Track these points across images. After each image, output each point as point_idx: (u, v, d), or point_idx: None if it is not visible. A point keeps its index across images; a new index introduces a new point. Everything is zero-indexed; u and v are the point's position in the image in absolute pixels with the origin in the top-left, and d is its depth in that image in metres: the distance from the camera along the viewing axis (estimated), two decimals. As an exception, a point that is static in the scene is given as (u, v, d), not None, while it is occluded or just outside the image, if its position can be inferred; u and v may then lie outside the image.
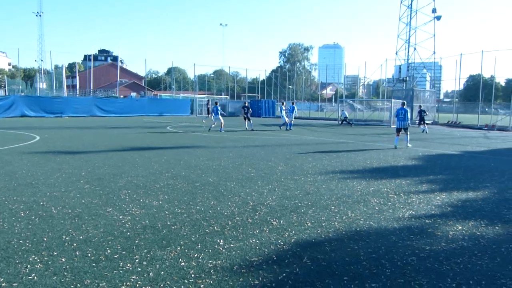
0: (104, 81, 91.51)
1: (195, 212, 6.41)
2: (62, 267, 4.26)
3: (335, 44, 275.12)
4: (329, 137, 22.23)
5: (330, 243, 5.10)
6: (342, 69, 77.45)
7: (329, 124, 38.26)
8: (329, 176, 9.79)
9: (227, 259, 4.54)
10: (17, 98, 41.06)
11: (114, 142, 17.30)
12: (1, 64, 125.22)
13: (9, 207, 6.59)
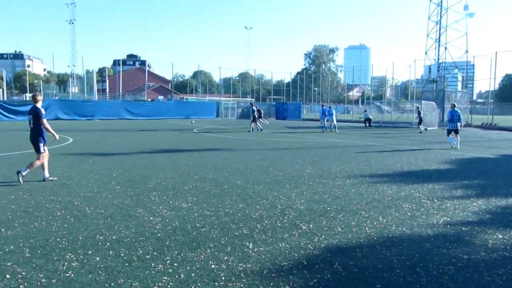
0: (133, 85, 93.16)
1: (224, 215, 6.45)
2: (97, 265, 4.36)
3: (361, 45, 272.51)
4: (356, 139, 21.98)
5: (361, 249, 5.02)
6: (368, 70, 76.82)
7: (355, 126, 37.82)
8: (358, 180, 9.68)
9: (257, 262, 4.54)
10: (52, 102, 42.38)
11: (142, 144, 17.58)
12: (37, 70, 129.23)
13: (46, 206, 6.81)
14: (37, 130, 8.87)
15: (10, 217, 6.13)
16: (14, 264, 4.36)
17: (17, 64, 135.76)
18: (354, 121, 47.01)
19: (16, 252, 4.72)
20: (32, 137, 8.97)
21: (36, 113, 8.83)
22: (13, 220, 5.99)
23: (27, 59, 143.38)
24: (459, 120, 17.81)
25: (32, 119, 8.87)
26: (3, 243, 5.00)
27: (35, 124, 8.87)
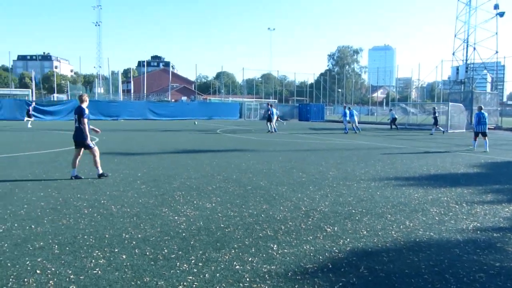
0: (157, 85, 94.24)
1: (248, 216, 6.45)
2: (123, 263, 4.41)
3: (385, 46, 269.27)
4: (381, 141, 21.69)
5: (387, 253, 4.93)
6: (393, 72, 75.75)
7: (380, 128, 37.35)
8: (383, 182, 9.54)
9: (281, 264, 4.51)
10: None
11: (166, 144, 17.76)
12: (64, 71, 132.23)
13: (74, 204, 6.95)
14: (81, 129, 9.30)
15: (40, 214, 6.28)
16: (44, 260, 4.46)
17: (46, 65, 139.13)
18: (379, 123, 46.47)
19: (45, 248, 4.83)
20: (76, 135, 9.41)
21: (81, 113, 9.29)
22: (42, 217, 6.13)
23: (55, 60, 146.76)
24: (485, 123, 17.48)
25: (77, 118, 9.33)
26: (34, 239, 5.12)
27: (79, 123, 9.32)
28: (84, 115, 9.28)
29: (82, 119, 9.24)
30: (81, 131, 9.29)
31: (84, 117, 9.26)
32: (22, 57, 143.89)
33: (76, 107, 9.53)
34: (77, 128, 9.37)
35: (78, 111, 9.35)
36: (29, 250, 4.75)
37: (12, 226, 5.68)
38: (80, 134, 9.33)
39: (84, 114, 9.29)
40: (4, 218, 6.03)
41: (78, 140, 9.41)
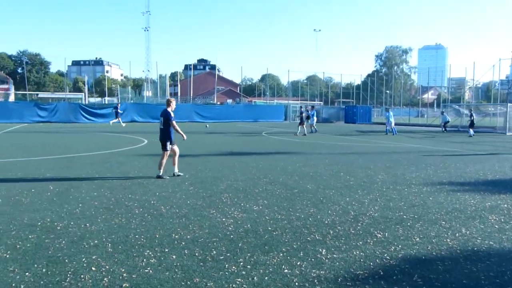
0: (203, 88, 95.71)
1: (295, 219, 6.39)
2: (173, 263, 4.48)
3: (437, 45, 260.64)
4: (432, 145, 20.94)
5: (443, 262, 4.71)
6: (445, 72, 73.02)
7: (430, 131, 36.10)
8: (436, 187, 9.18)
9: (331, 270, 4.43)
10: (128, 105, 44.78)
11: (212, 147, 17.98)
12: (115, 75, 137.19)
13: (125, 204, 7.16)
14: (166, 131, 9.88)
15: (94, 213, 6.50)
16: (98, 258, 4.61)
17: (97, 70, 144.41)
18: (429, 125, 44.97)
19: (100, 246, 4.99)
20: (161, 137, 10.00)
21: (167, 116, 9.84)
22: (96, 216, 6.35)
23: (106, 65, 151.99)
24: None
25: (163, 120, 9.88)
26: (88, 237, 5.31)
27: (165, 126, 9.88)
28: (172, 118, 9.84)
29: (171, 122, 9.81)
30: (167, 132, 9.86)
31: (172, 120, 9.82)
32: (76, 62, 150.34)
33: (163, 110, 10.07)
34: (161, 130, 9.96)
35: (165, 114, 9.89)
36: (85, 247, 4.93)
37: (69, 224, 5.92)
38: (164, 135, 9.90)
39: (172, 117, 9.84)
40: (61, 216, 6.30)
41: (161, 140, 10.01)
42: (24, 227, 5.73)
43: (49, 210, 6.63)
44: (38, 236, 5.35)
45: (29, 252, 4.75)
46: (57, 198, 7.52)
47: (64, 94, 67.51)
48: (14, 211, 6.56)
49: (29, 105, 40.81)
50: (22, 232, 5.51)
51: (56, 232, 5.54)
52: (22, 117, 37.98)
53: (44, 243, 5.07)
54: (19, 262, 4.44)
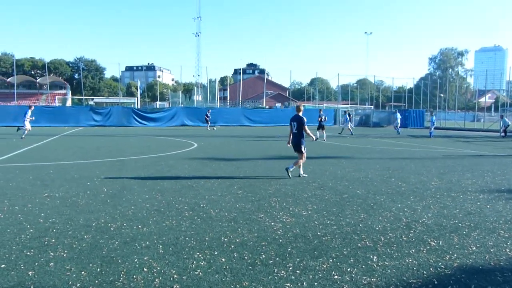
0: (252, 92, 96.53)
1: (345, 225, 6.29)
2: (223, 266, 4.53)
3: (496, 47, 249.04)
4: (489, 151, 19.98)
5: (502, 273, 4.49)
6: (504, 74, 69.62)
7: (488, 136, 34.48)
8: (494, 195, 8.75)
9: (382, 277, 4.33)
10: (178, 109, 45.92)
11: (261, 150, 18.05)
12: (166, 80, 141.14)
13: (176, 206, 7.32)
14: (300, 135, 10.63)
15: (145, 215, 6.70)
16: (150, 259, 4.74)
17: (149, 75, 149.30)
18: (486, 130, 43.00)
19: (151, 248, 5.13)
20: (295, 140, 10.72)
21: (300, 121, 10.59)
22: (147, 217, 6.54)
23: (158, 70, 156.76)
24: None
25: (296, 125, 10.61)
26: (140, 239, 5.47)
27: (298, 130, 10.62)
28: (304, 123, 10.58)
29: (304, 126, 10.54)
30: (300, 136, 10.61)
31: (304, 124, 10.56)
32: (129, 68, 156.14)
33: (294, 115, 10.81)
34: (295, 134, 10.69)
35: (298, 120, 10.60)
36: (137, 248, 5.08)
37: (122, 225, 6.13)
38: (298, 139, 10.62)
39: (304, 122, 10.58)
40: (114, 218, 6.54)
41: (294, 144, 10.73)
42: (80, 227, 5.99)
43: (103, 212, 6.89)
44: (93, 236, 5.57)
45: (85, 252, 4.96)
46: (111, 200, 7.80)
47: (117, 99, 70.08)
48: (71, 211, 6.87)
49: (84, 110, 42.72)
50: (78, 232, 5.75)
51: (110, 233, 5.75)
52: (78, 121, 39.82)
53: (99, 243, 5.28)
54: (75, 261, 4.65)
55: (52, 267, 4.47)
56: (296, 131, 10.62)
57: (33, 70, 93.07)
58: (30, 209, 7.02)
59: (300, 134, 10.60)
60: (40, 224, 6.13)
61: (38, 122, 38.04)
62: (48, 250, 5.01)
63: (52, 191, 8.52)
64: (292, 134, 10.78)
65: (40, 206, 7.22)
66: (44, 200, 7.65)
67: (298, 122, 10.57)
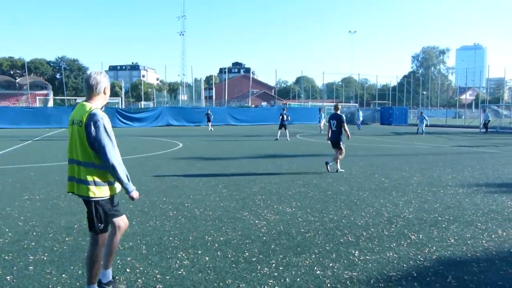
0: (237, 91, 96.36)
1: (328, 221, 6.38)
2: (206, 265, 4.57)
3: (475, 45, 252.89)
4: (470, 146, 20.37)
5: (478, 264, 4.63)
6: (483, 72, 70.77)
7: (468, 132, 35.10)
8: (472, 189, 8.96)
9: (363, 271, 4.42)
10: (164, 109, 45.60)
11: (246, 149, 18.10)
12: (151, 79, 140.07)
13: (160, 206, 7.32)
14: (339, 132, 11.46)
15: (129, 216, 6.60)
16: (132, 259, 4.75)
17: (134, 75, 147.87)
18: (467, 126, 43.72)
19: (134, 248, 5.14)
20: (334, 137, 11.52)
21: (340, 119, 11.45)
22: (131, 218, 6.48)
23: (142, 69, 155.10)
24: None
25: (336, 123, 11.45)
26: (123, 240, 5.42)
27: (337, 127, 11.45)
28: (344, 121, 11.40)
29: (343, 124, 11.35)
30: (339, 133, 11.43)
31: (344, 122, 11.37)
32: (113, 67, 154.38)
33: (334, 114, 11.75)
34: (334, 131, 11.50)
35: (338, 118, 11.46)
36: (120, 249, 5.05)
37: (105, 226, 6.10)
38: (337, 136, 11.43)
39: (344, 120, 11.41)
40: (97, 219, 6.49)
41: (333, 141, 11.51)
42: (61, 229, 5.93)
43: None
44: (74, 238, 5.53)
45: (66, 254, 4.91)
46: (95, 201, 7.74)
47: (101, 99, 69.06)
48: (52, 214, 6.79)
49: (67, 111, 41.64)
50: (59, 234, 5.70)
51: (92, 235, 5.71)
52: (61, 122, 38.95)
53: (80, 245, 5.24)
54: (56, 264, 4.60)
55: (31, 271, 4.42)
56: (336, 129, 11.43)
57: (12, 70, 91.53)
58: (9, 212, 6.91)
59: (339, 131, 11.41)
60: (20, 227, 6.05)
61: (18, 124, 37.68)
62: (27, 253, 4.95)
63: (32, 193, 8.41)
64: (331, 131, 11.54)
65: (19, 209, 7.12)
66: (24, 203, 7.54)
67: (338, 120, 11.41)
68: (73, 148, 3.60)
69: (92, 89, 3.60)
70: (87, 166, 3.51)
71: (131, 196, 3.65)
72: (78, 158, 3.54)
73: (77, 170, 3.55)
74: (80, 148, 3.53)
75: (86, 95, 3.65)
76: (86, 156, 3.51)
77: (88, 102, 3.60)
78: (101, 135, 3.43)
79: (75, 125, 3.56)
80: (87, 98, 3.64)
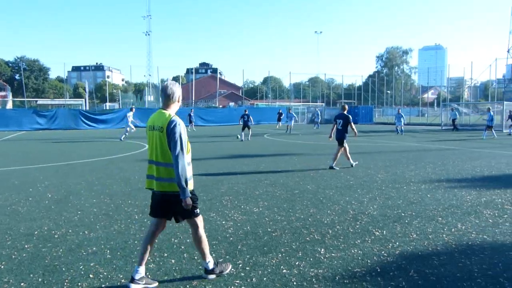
0: (205, 92, 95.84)
1: (295, 220, 6.44)
2: (172, 267, 4.53)
3: (436, 45, 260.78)
4: (432, 143, 21.01)
5: (438, 257, 4.79)
6: (444, 71, 73.14)
7: (431, 130, 36.17)
8: (434, 185, 9.24)
9: (329, 268, 4.48)
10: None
11: (214, 150, 18.02)
12: (116, 80, 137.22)
13: (125, 209, 7.19)
14: (344, 131, 12.25)
15: (93, 220, 6.53)
16: (96, 265, 4.64)
17: (98, 75, 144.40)
18: (430, 124, 45.02)
19: (98, 253, 5.02)
20: (339, 135, 12.31)
21: (346, 118, 12.25)
22: (95, 223, 6.37)
23: (107, 70, 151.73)
24: None
25: (342, 122, 12.24)
26: (87, 245, 5.33)
27: (343, 126, 12.24)
28: (351, 120, 12.28)
29: (351, 123, 12.21)
30: (344, 131, 12.21)
31: (351, 122, 12.23)
32: (76, 68, 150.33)
33: (340, 113, 12.57)
34: (339, 130, 12.30)
35: (345, 117, 12.27)
36: (83, 255, 4.95)
37: (67, 232, 5.93)
38: (342, 134, 12.23)
39: (351, 120, 12.29)
40: (59, 224, 6.30)
41: (338, 138, 12.26)
42: (21, 236, 5.72)
43: (47, 219, 6.62)
44: (34, 245, 5.34)
45: (25, 262, 4.73)
46: (55, 206, 7.51)
47: (64, 101, 67.33)
48: (11, 220, 6.54)
49: (27, 112, 40.26)
50: (18, 242, 5.49)
51: (54, 240, 5.53)
52: (21, 125, 37.68)
53: (41, 252, 5.07)
54: (14, 273, 4.43)
55: (-12, 281, 4.25)
56: (341, 128, 12.24)
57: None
58: (-32, 219, 6.64)
59: (344, 130, 12.22)
60: (-23, 235, 5.81)
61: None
62: (-16, 262, 4.74)
63: (-8, 199, 8.11)
64: (337, 129, 12.36)
65: (-22, 215, 6.84)
66: (-17, 210, 7.26)
67: (344, 119, 12.21)
68: (153, 150, 4.09)
69: (169, 98, 4.12)
70: (167, 166, 3.98)
71: (185, 201, 3.98)
72: (158, 159, 4.03)
73: (157, 169, 4.05)
74: (160, 151, 4.00)
75: (163, 103, 4.17)
76: (165, 157, 3.98)
77: (166, 110, 4.08)
78: (175, 139, 3.89)
79: (156, 130, 4.03)
80: (164, 106, 4.14)
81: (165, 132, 3.93)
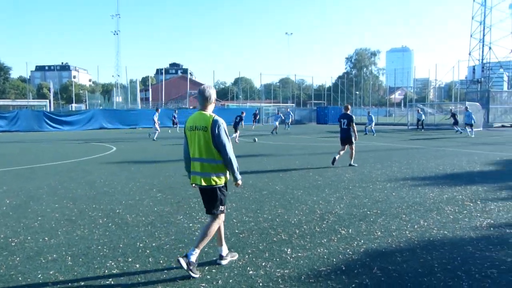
0: (175, 93, 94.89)
1: (263, 221, 6.44)
2: (136, 272, 4.44)
3: (403, 47, 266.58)
4: (398, 142, 21.49)
5: (401, 253, 4.90)
6: (411, 73, 74.84)
7: (398, 129, 37.02)
8: (399, 183, 9.45)
9: (295, 268, 4.50)
10: (96, 111, 43.73)
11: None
12: (83, 80, 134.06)
13: (89, 214, 7.01)
14: (348, 130, 12.55)
15: (54, 226, 6.31)
16: (56, 272, 4.47)
17: (64, 76, 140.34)
18: (397, 124, 46.02)
19: (58, 260, 4.84)
20: (344, 135, 12.64)
21: (349, 118, 12.53)
22: (56, 228, 6.16)
23: (73, 70, 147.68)
24: None
25: (346, 122, 12.54)
26: (47, 252, 5.13)
27: (347, 126, 12.51)
28: (353, 120, 12.55)
29: (352, 123, 12.46)
30: (348, 131, 12.53)
31: (353, 121, 12.49)
32: (40, 67, 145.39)
33: (343, 114, 12.80)
34: (345, 129, 12.58)
35: (348, 117, 12.55)
36: (42, 262, 4.77)
37: (25, 239, 5.68)
38: (347, 133, 12.55)
39: (353, 120, 12.57)
40: (17, 231, 6.03)
41: (345, 138, 12.61)
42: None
43: (4, 226, 6.33)
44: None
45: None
46: (14, 212, 7.20)
47: (26, 101, 65.15)
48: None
49: (-12, 114, 38.86)
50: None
51: (10, 248, 5.28)
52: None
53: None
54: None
55: None
56: (346, 127, 12.52)
57: None
58: None
59: (349, 129, 12.50)
60: None
61: None
62: None
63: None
64: (342, 129, 12.65)
65: None
66: None
67: (348, 119, 12.49)
68: (196, 149, 4.47)
69: (207, 100, 4.54)
70: (210, 162, 4.42)
71: (238, 183, 4.62)
72: (202, 156, 4.44)
73: (201, 166, 4.45)
74: (205, 148, 4.42)
75: (200, 105, 4.58)
76: (209, 154, 4.41)
77: (205, 111, 4.52)
78: (222, 136, 4.38)
79: (199, 130, 4.43)
80: (202, 107, 4.56)
81: (209, 131, 4.36)
